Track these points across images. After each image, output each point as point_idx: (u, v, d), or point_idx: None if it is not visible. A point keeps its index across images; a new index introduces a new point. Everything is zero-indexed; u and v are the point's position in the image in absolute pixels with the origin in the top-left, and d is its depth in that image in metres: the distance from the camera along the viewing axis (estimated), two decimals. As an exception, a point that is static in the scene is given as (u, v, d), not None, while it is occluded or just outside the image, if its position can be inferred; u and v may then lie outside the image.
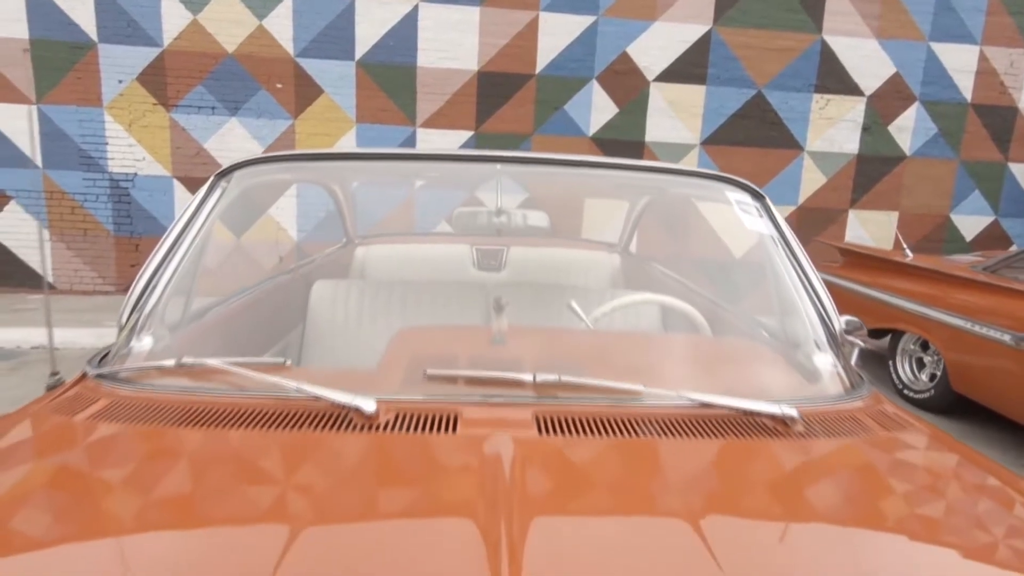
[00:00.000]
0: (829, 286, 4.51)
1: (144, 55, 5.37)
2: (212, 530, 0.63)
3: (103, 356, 1.05)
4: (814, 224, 6.18)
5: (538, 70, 5.72)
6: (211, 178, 1.31)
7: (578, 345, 1.17)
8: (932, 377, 3.64)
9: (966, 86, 6.09)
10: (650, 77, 5.83)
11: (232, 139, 5.57)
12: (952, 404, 3.45)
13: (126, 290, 1.10)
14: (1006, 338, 2.97)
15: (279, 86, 5.55)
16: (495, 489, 0.66)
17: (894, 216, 6.28)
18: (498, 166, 1.38)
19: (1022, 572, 0.62)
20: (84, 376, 0.97)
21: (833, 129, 6.08)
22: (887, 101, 6.06)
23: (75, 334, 4.28)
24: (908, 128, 6.14)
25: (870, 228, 6.29)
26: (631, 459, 0.78)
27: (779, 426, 0.87)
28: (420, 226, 5.49)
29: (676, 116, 5.93)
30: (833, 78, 5.96)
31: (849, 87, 6.00)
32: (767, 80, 5.92)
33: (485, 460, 0.72)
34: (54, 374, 0.98)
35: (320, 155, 1.51)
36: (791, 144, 6.06)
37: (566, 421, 0.83)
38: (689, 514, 0.67)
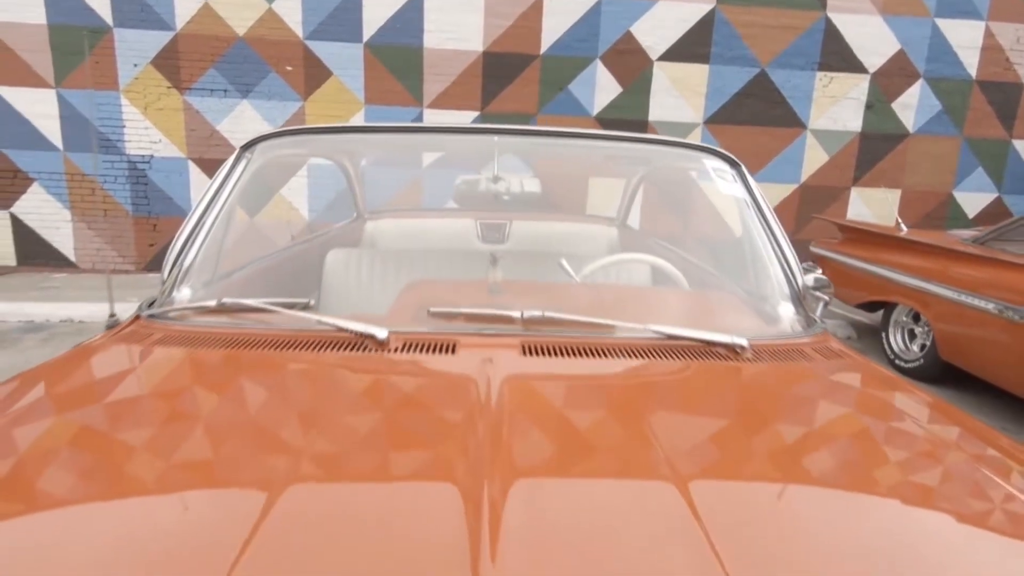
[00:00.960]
0: (828, 262, 4.56)
1: (158, 39, 5.51)
2: (255, 421, 0.79)
3: (151, 303, 1.22)
4: (816, 202, 6.25)
5: (542, 50, 5.80)
6: (237, 150, 1.46)
7: (564, 293, 1.33)
8: (922, 347, 3.76)
9: (971, 63, 6.10)
10: (653, 56, 5.89)
11: (244, 121, 5.72)
12: (941, 372, 3.57)
13: (145, 269, 1.27)
14: (990, 307, 3.08)
15: (289, 69, 5.68)
16: (485, 394, 0.82)
17: (895, 193, 6.33)
18: (495, 138, 1.53)
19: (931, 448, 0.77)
20: (138, 317, 1.14)
21: (836, 107, 6.12)
22: (891, 78, 6.09)
23: (100, 308, 4.50)
24: (912, 105, 6.16)
25: (872, 206, 6.35)
26: (600, 375, 0.94)
27: (731, 353, 1.02)
28: (427, 205, 5.63)
29: (679, 95, 6.00)
30: (837, 56, 5.99)
31: (853, 65, 6.03)
32: (770, 58, 5.96)
33: (477, 373, 0.88)
34: (112, 315, 1.15)
35: (340, 128, 1.67)
36: (794, 122, 6.11)
37: (548, 348, 0.99)
38: (641, 414, 0.83)
